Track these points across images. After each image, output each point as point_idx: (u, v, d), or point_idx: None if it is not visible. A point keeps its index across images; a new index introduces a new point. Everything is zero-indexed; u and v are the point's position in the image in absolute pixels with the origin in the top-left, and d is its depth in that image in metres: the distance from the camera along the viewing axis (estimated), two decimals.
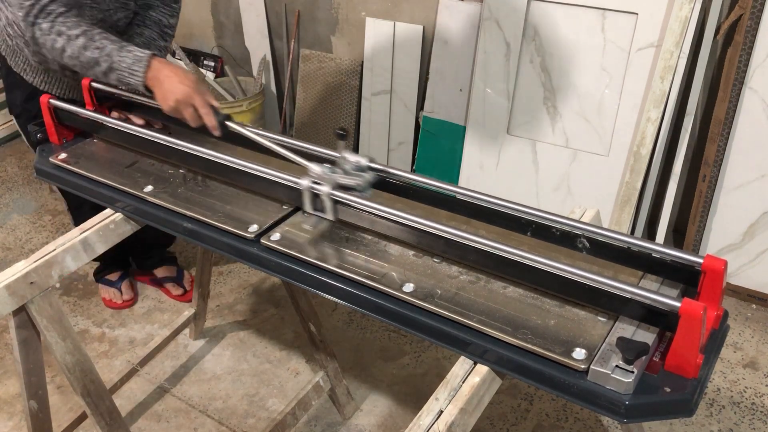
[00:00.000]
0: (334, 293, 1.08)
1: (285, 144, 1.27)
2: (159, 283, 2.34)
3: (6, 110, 3.27)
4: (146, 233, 1.41)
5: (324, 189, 1.12)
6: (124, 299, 2.28)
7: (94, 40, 1.36)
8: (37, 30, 1.39)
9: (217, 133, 1.31)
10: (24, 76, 1.69)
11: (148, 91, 1.36)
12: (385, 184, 1.23)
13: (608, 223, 2.32)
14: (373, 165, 1.19)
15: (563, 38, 2.26)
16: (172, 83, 1.30)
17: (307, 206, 1.15)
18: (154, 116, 1.51)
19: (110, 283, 2.30)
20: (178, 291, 2.32)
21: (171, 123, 1.50)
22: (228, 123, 1.32)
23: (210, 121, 1.30)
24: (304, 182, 1.13)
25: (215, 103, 1.32)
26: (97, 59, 1.35)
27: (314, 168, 1.15)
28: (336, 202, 1.12)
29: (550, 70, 2.32)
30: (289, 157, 1.21)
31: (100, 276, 2.32)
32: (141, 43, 1.63)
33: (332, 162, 1.20)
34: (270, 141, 1.25)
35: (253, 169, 1.21)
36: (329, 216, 1.14)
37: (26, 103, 1.75)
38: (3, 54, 1.68)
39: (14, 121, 1.89)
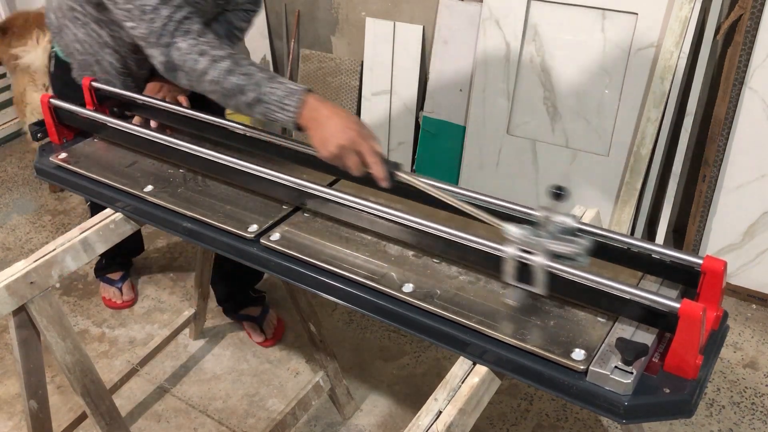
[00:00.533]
0: (334, 293, 1.09)
1: (467, 199, 1.14)
2: (240, 320, 2.17)
3: (6, 110, 3.29)
4: (228, 273, 1.18)
5: (538, 260, 0.95)
6: (124, 299, 2.28)
7: (240, 65, 1.21)
8: (175, 51, 1.24)
9: (386, 184, 1.14)
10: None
11: (299, 130, 1.20)
12: None
13: (608, 223, 2.32)
14: (584, 227, 1.02)
15: (563, 38, 2.26)
16: (334, 126, 1.14)
17: (509, 276, 0.99)
18: (157, 117, 1.51)
19: (111, 282, 2.29)
20: (258, 337, 2.11)
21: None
22: (398, 172, 1.14)
23: (379, 171, 1.13)
24: (510, 250, 0.96)
25: (381, 150, 1.15)
26: (242, 87, 1.19)
27: (514, 231, 0.98)
28: (549, 274, 0.95)
29: (550, 70, 2.32)
30: (476, 214, 1.06)
31: (101, 273, 2.31)
32: None
33: (527, 221, 1.06)
34: (448, 195, 1.11)
35: (253, 169, 1.21)
36: (539, 290, 0.97)
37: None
38: (71, 66, 1.60)
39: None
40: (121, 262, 2.32)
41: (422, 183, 1.13)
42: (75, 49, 1.55)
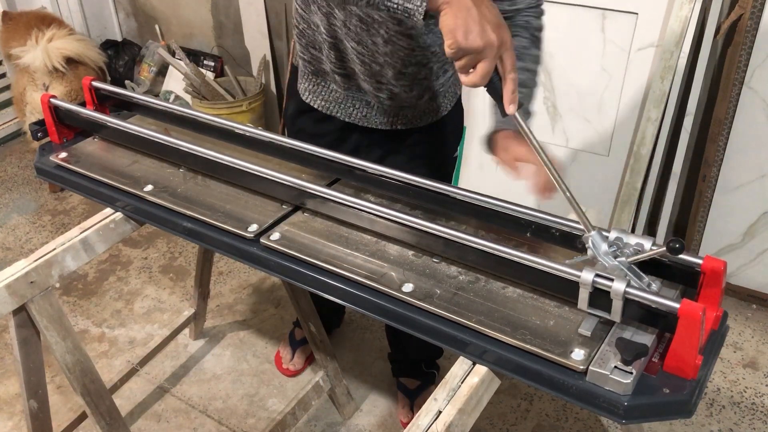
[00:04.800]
0: (334, 293, 1.09)
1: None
2: (397, 387, 1.95)
3: (6, 110, 3.29)
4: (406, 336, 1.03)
5: (618, 287, 0.87)
6: (289, 366, 2.04)
7: None
8: None
9: (512, 109, 0.97)
10: (299, 89, 1.50)
11: (427, 17, 0.96)
12: (383, 184, 1.23)
13: (608, 223, 2.32)
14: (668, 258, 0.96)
15: (563, 38, 2.26)
16: (488, 16, 0.91)
17: (583, 303, 0.92)
18: (157, 117, 1.51)
19: (291, 341, 2.06)
20: (404, 416, 1.88)
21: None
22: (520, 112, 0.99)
23: (514, 90, 0.95)
24: (588, 276, 0.89)
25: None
26: None
27: (603, 247, 0.94)
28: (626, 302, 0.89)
29: (550, 70, 2.32)
30: (573, 204, 0.99)
31: (293, 328, 2.10)
32: None
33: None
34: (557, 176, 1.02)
35: (253, 169, 1.22)
36: (615, 318, 0.91)
37: (294, 119, 1.54)
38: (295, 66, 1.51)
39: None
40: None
41: (529, 132, 0.99)
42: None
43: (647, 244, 0.96)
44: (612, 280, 0.88)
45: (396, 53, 1.29)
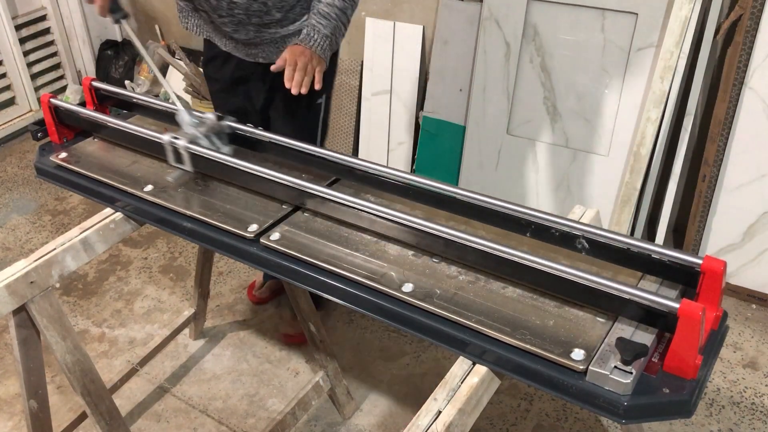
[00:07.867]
0: (334, 293, 1.09)
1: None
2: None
3: (6, 110, 3.29)
4: None
5: (183, 143, 1.26)
6: (255, 293, 2.26)
7: None
8: None
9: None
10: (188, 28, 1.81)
11: None
12: (383, 184, 1.23)
13: (608, 223, 2.32)
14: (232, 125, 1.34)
15: (563, 38, 2.26)
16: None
17: (170, 159, 1.30)
18: (157, 117, 1.51)
19: (266, 274, 2.25)
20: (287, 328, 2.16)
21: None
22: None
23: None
24: (166, 137, 1.28)
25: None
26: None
27: (185, 118, 1.30)
28: (194, 156, 1.27)
29: (550, 70, 2.32)
30: (170, 93, 1.45)
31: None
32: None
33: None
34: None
35: (253, 169, 1.22)
36: (188, 168, 1.29)
37: (204, 67, 1.92)
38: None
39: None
40: None
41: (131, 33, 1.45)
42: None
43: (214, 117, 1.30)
44: (180, 139, 1.25)
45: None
